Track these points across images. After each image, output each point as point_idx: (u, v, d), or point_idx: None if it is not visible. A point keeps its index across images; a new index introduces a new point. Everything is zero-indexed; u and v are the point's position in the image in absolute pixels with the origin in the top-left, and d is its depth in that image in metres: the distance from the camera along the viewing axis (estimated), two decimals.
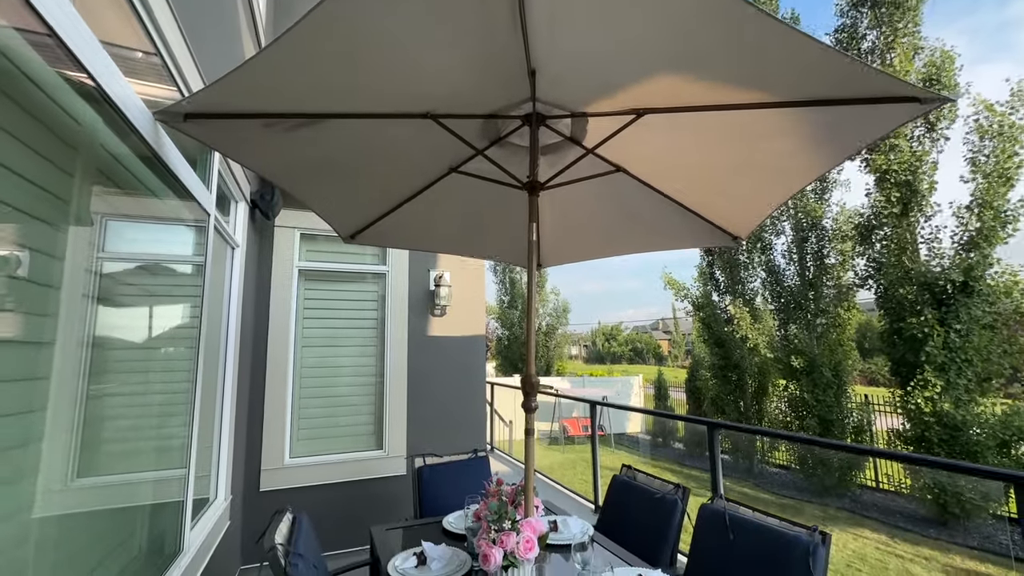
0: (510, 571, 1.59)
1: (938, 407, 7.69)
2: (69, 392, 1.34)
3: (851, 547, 6.75)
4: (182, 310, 2.26)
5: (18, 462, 1.13)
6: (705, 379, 12.65)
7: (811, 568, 1.58)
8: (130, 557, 1.74)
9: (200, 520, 2.45)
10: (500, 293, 24.41)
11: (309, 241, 4.06)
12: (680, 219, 2.41)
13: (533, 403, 1.90)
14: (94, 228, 1.47)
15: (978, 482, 7.19)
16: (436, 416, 4.17)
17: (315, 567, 1.74)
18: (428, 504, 2.70)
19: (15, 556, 1.11)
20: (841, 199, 10.99)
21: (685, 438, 12.94)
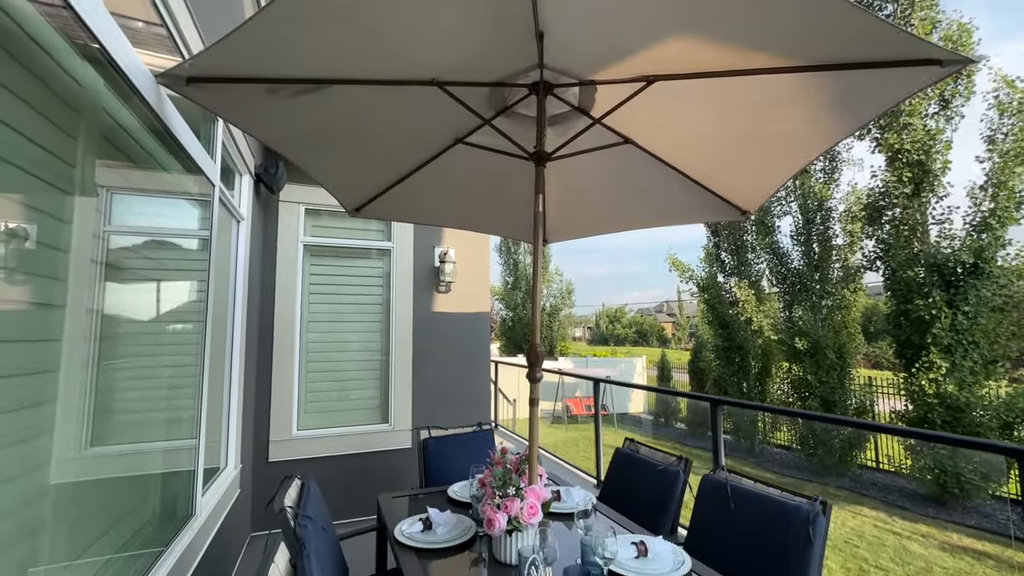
0: (514, 535, 1.62)
1: (942, 388, 7.69)
2: (80, 362, 1.36)
3: (849, 524, 6.85)
4: (189, 281, 2.27)
5: (34, 433, 1.16)
6: (708, 360, 12.68)
7: (811, 536, 1.61)
8: (144, 520, 1.79)
9: (211, 487, 2.51)
10: (504, 274, 24.40)
11: (314, 216, 4.05)
12: (688, 193, 2.38)
13: (538, 374, 1.91)
14: (100, 198, 1.47)
15: (978, 463, 7.23)
16: (441, 391, 4.22)
17: (324, 529, 1.78)
18: (433, 475, 2.74)
19: (34, 515, 1.15)
20: (852, 178, 10.82)
21: (687, 418, 13.05)
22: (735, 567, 1.64)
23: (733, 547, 1.77)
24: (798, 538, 1.61)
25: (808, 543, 1.59)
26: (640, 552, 1.66)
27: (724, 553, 1.75)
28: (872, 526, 6.85)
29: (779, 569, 1.61)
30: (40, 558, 1.16)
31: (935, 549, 6.13)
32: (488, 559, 1.69)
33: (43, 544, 1.18)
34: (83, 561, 1.34)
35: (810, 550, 1.59)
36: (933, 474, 7.50)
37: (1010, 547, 6.21)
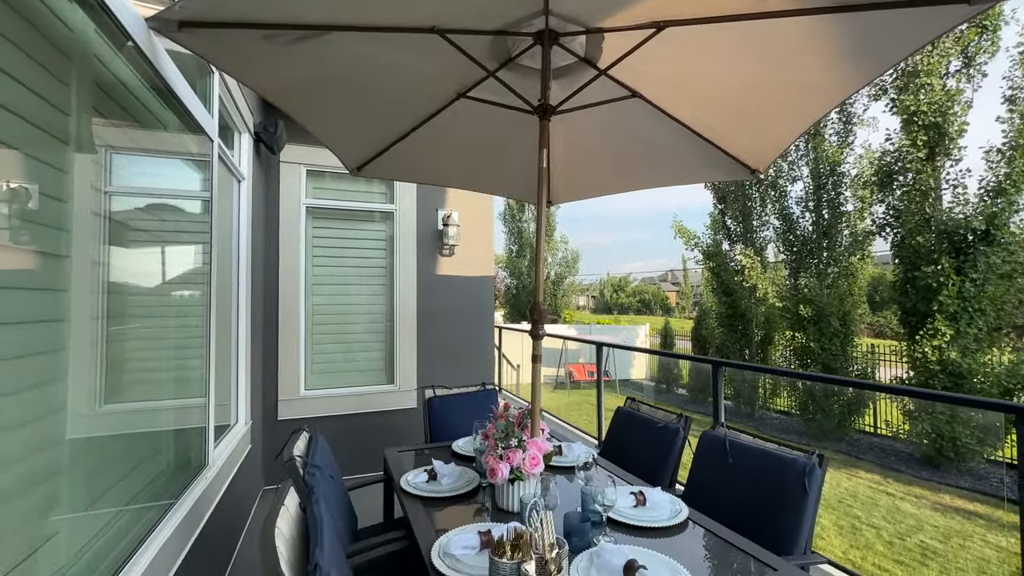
0: (516, 484, 1.67)
1: (945, 355, 7.71)
2: (88, 316, 1.37)
3: (844, 486, 7.03)
4: (192, 244, 2.27)
5: (49, 389, 1.18)
6: (712, 328, 12.73)
7: (806, 487, 1.64)
8: (159, 469, 1.85)
9: (222, 441, 2.58)
10: (509, 242, 24.28)
11: (316, 178, 4.01)
12: (696, 151, 2.32)
13: (541, 330, 1.92)
14: (98, 155, 1.45)
15: (975, 428, 7.33)
16: (445, 353, 4.27)
17: (332, 478, 1.84)
18: (438, 431, 2.81)
19: (55, 464, 1.19)
20: (867, 139, 10.45)
21: (689, 384, 13.23)
22: (731, 516, 1.68)
23: (730, 498, 1.82)
24: (794, 489, 1.65)
25: (803, 494, 1.63)
26: (639, 501, 1.71)
27: (721, 503, 1.80)
28: (867, 487, 7.02)
29: (774, 518, 1.65)
30: (61, 504, 1.21)
31: (927, 509, 6.30)
32: (491, 507, 1.75)
33: (63, 491, 1.23)
34: (103, 510, 1.39)
35: (805, 500, 1.63)
36: (930, 438, 7.63)
37: (1000, 508, 6.37)
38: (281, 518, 1.23)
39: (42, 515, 1.15)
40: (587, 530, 1.45)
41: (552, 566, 1.11)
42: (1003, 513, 6.19)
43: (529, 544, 1.18)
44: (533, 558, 1.14)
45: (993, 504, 6.49)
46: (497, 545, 1.18)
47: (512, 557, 1.16)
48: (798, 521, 1.61)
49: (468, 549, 1.38)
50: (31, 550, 1.08)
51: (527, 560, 1.14)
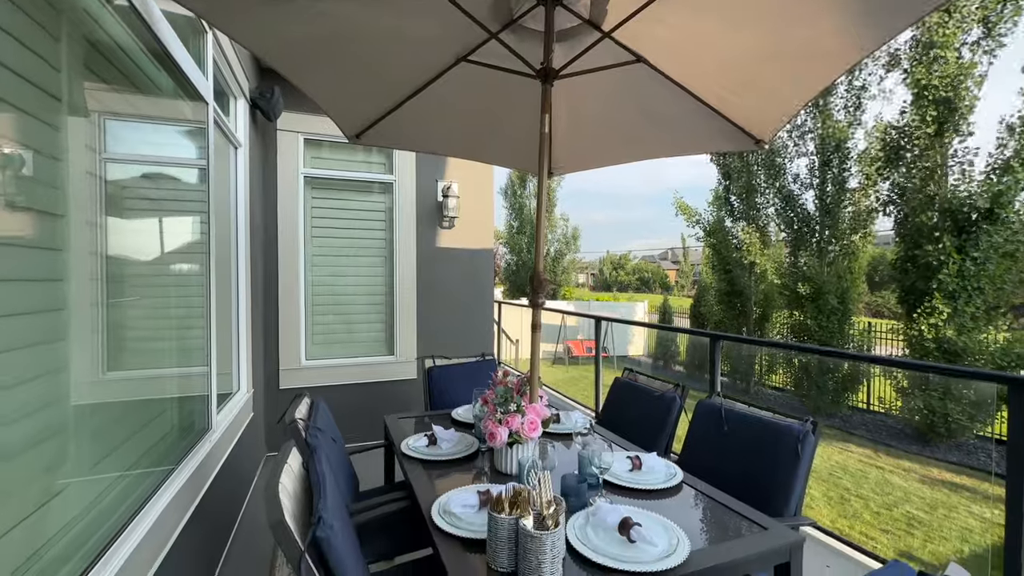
0: (515, 447, 1.70)
1: (941, 333, 7.77)
2: (87, 277, 1.37)
3: (836, 459, 7.18)
4: (188, 207, 2.24)
5: (53, 356, 1.19)
6: (710, 305, 12.78)
7: (799, 452, 1.67)
8: (164, 432, 1.88)
9: (225, 406, 2.62)
10: (509, 218, 24.11)
11: (314, 147, 3.95)
12: (701, 120, 2.28)
13: (541, 299, 1.93)
14: (92, 120, 1.42)
15: (967, 404, 7.44)
16: (445, 325, 4.30)
17: (334, 440, 1.87)
18: (437, 400, 2.85)
19: (60, 421, 1.20)
20: (879, 113, 10.18)
21: (686, 360, 13.36)
22: (725, 481, 1.72)
23: (724, 463, 1.86)
24: (787, 454, 1.69)
25: (796, 459, 1.67)
26: (634, 465, 1.74)
27: (715, 469, 1.84)
28: (857, 461, 7.18)
29: (767, 482, 1.69)
30: (69, 461, 1.24)
31: (915, 482, 6.45)
32: (490, 470, 1.79)
33: (71, 450, 1.26)
34: (109, 472, 1.42)
35: (797, 465, 1.66)
36: (922, 414, 7.75)
37: (986, 481, 6.53)
38: (284, 475, 1.26)
39: (52, 471, 1.17)
40: (584, 491, 1.49)
41: (549, 521, 1.14)
42: (988, 486, 6.35)
43: (527, 501, 1.21)
44: (531, 514, 1.17)
45: (979, 477, 6.65)
46: (496, 502, 1.21)
47: (510, 513, 1.19)
48: (790, 485, 1.65)
49: (468, 507, 1.42)
50: (42, 503, 1.10)
51: (525, 515, 1.17)
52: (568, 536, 1.28)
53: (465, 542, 1.29)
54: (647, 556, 1.19)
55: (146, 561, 1.41)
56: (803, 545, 1.35)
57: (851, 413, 9.47)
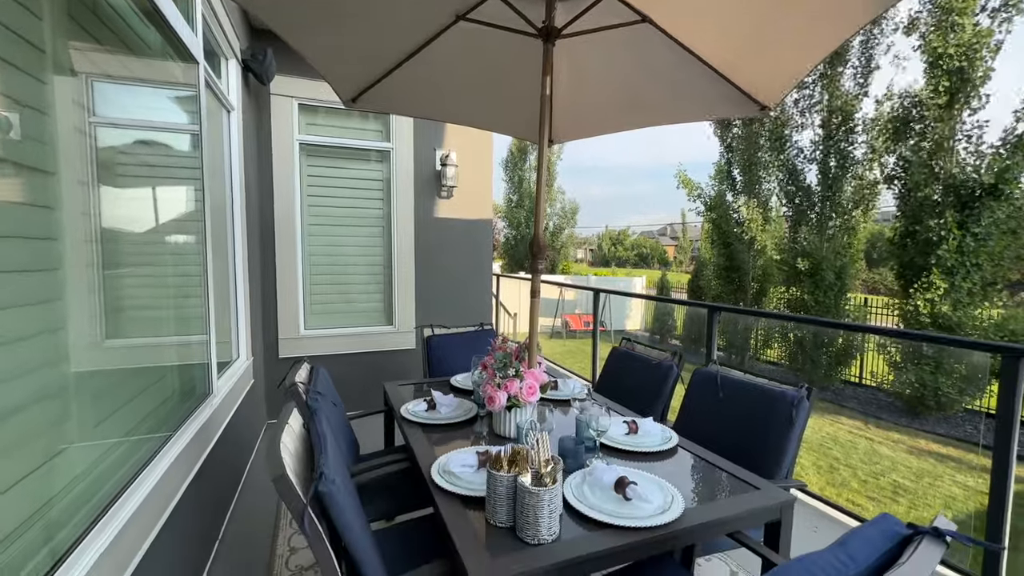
0: (513, 411, 1.72)
1: (937, 309, 7.82)
2: (83, 244, 1.35)
3: (826, 431, 7.33)
4: (181, 173, 2.20)
5: (50, 321, 1.18)
6: (708, 279, 12.81)
7: (793, 417, 1.70)
8: (164, 396, 1.89)
9: (225, 372, 2.64)
10: (508, 192, 23.85)
11: (309, 113, 3.86)
12: (706, 84, 2.22)
13: (541, 265, 1.92)
14: (79, 79, 1.37)
15: (958, 378, 7.55)
16: (444, 296, 4.30)
17: (335, 404, 1.89)
18: (436, 368, 2.87)
19: (61, 385, 1.21)
20: (891, 81, 9.82)
21: (682, 335, 13.47)
22: (720, 445, 1.75)
23: (719, 429, 1.89)
24: (781, 419, 1.71)
25: (790, 423, 1.69)
26: (631, 429, 1.77)
27: (711, 434, 1.87)
28: (847, 432, 7.34)
29: (761, 446, 1.72)
30: (71, 423, 1.25)
31: (903, 452, 6.61)
32: (488, 434, 1.81)
33: (73, 413, 1.26)
34: (113, 439, 1.43)
35: (791, 430, 1.69)
36: (913, 388, 7.88)
37: (971, 452, 6.69)
38: (286, 434, 1.27)
39: (57, 428, 1.18)
40: (581, 453, 1.51)
41: (547, 478, 1.16)
42: (974, 456, 6.51)
43: (526, 460, 1.23)
44: (529, 471, 1.19)
45: (965, 448, 6.82)
46: (495, 460, 1.23)
47: (509, 471, 1.21)
48: (782, 449, 1.68)
49: (467, 467, 1.44)
50: (49, 458, 1.12)
51: (523, 473, 1.19)
52: (565, 494, 1.31)
53: (464, 499, 1.32)
54: (642, 512, 1.22)
55: (153, 514, 1.45)
56: (794, 505, 1.38)
57: (843, 387, 9.63)
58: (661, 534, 1.17)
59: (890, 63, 9.28)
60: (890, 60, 9.23)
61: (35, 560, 1.00)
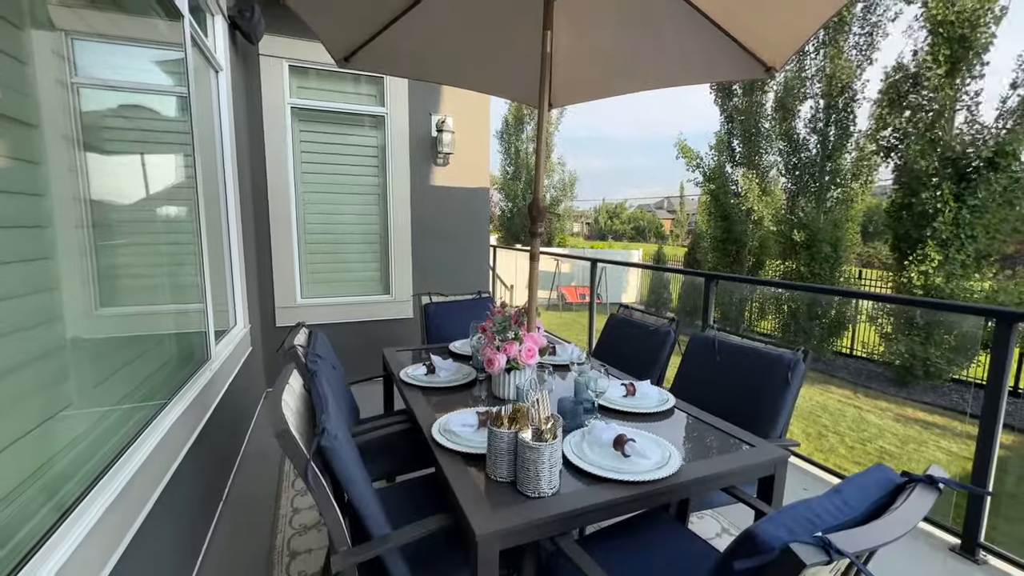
0: (512, 373, 1.73)
1: (930, 281, 7.88)
2: (72, 213, 1.31)
3: (816, 399, 7.49)
4: (169, 137, 2.13)
5: (43, 289, 1.16)
6: (705, 251, 12.82)
7: (789, 379, 1.72)
8: (163, 360, 1.89)
9: (223, 339, 2.63)
10: (504, 164, 23.46)
11: (300, 76, 3.73)
12: (711, 45, 2.16)
13: (540, 228, 1.90)
14: (59, 34, 1.31)
15: (947, 349, 7.68)
16: (441, 265, 4.28)
17: (334, 367, 1.90)
18: (434, 335, 2.88)
19: (57, 350, 1.19)
20: (901, 51, 9.52)
21: (678, 308, 13.56)
22: (716, 407, 1.78)
23: (716, 391, 1.91)
24: (777, 381, 1.74)
25: (786, 385, 1.72)
26: (629, 391, 1.79)
27: (707, 396, 1.90)
28: (837, 401, 7.50)
29: (756, 406, 1.75)
30: (71, 385, 1.24)
31: (890, 420, 6.78)
32: (487, 396, 1.83)
33: (71, 378, 1.26)
34: (116, 399, 1.43)
35: (786, 391, 1.71)
36: (903, 358, 8.01)
37: (956, 420, 6.87)
38: (287, 393, 1.28)
39: (58, 386, 1.18)
40: (580, 413, 1.53)
41: (548, 435, 1.18)
42: (959, 424, 6.69)
43: (526, 417, 1.24)
44: (530, 428, 1.21)
45: (950, 416, 7.00)
46: (495, 418, 1.24)
47: (510, 429, 1.23)
48: (778, 409, 1.71)
49: (467, 426, 1.46)
50: (51, 416, 1.12)
51: (524, 430, 1.21)
52: (564, 452, 1.33)
53: (465, 457, 1.34)
54: (640, 468, 1.25)
55: (157, 472, 1.46)
56: (787, 461, 1.41)
57: (834, 358, 9.78)
58: (659, 487, 1.20)
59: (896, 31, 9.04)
60: (895, 27, 9.00)
61: (52, 502, 1.02)
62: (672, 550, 1.36)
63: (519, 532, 1.06)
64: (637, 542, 1.38)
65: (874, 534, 0.73)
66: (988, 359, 2.04)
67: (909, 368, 7.93)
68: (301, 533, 2.11)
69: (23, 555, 0.91)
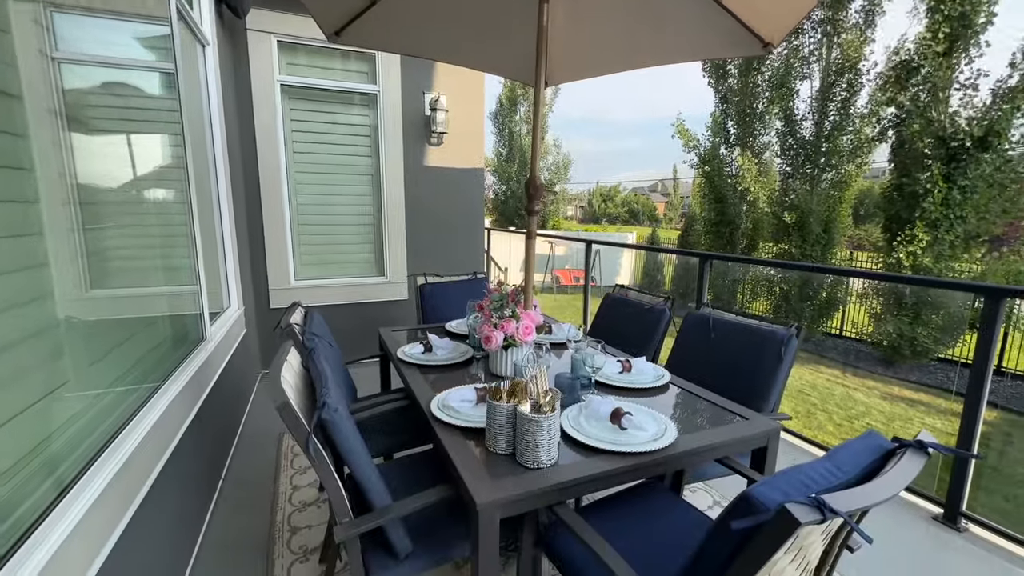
0: (509, 350, 1.74)
1: (918, 261, 7.97)
2: (58, 183, 1.28)
3: (806, 379, 7.63)
4: (156, 115, 2.08)
5: (29, 268, 1.13)
6: (698, 234, 12.85)
7: (782, 355, 1.75)
8: (158, 341, 1.88)
9: (218, 320, 2.62)
10: (498, 145, 23.19)
11: (289, 52, 3.64)
12: (708, 20, 2.14)
13: (537, 206, 1.89)
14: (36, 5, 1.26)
15: (934, 328, 7.82)
16: (436, 246, 4.26)
17: (331, 345, 1.90)
18: (430, 315, 2.88)
19: (49, 332, 1.18)
20: (906, 31, 9.37)
21: (671, 289, 13.64)
22: (711, 382, 1.81)
23: (711, 367, 1.94)
24: (770, 356, 1.76)
25: (779, 360, 1.74)
26: (625, 368, 1.81)
27: (702, 372, 1.92)
28: (825, 380, 7.64)
29: (750, 381, 1.78)
30: (68, 363, 1.23)
31: (877, 398, 6.93)
32: (484, 374, 1.84)
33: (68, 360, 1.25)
34: (114, 376, 1.43)
35: (780, 366, 1.74)
36: (890, 338, 8.14)
37: (940, 397, 7.04)
38: (285, 369, 1.28)
39: (55, 362, 1.17)
40: (577, 388, 1.55)
41: (546, 408, 1.19)
42: (943, 401, 6.86)
43: (525, 391, 1.25)
44: (528, 402, 1.22)
45: (935, 394, 7.16)
46: (494, 392, 1.25)
47: (509, 402, 1.24)
48: (770, 384, 1.74)
49: (466, 402, 1.47)
50: (47, 393, 1.11)
51: (523, 403, 1.22)
52: (563, 425, 1.35)
53: (464, 431, 1.36)
54: (637, 440, 1.27)
55: (157, 450, 1.47)
56: (779, 433, 1.44)
57: (824, 338, 9.93)
58: (655, 458, 1.22)
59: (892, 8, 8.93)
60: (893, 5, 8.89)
61: (58, 472, 1.02)
62: (667, 519, 1.39)
63: (519, 501, 1.08)
64: (632, 511, 1.41)
65: (866, 495, 0.75)
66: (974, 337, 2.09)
67: (896, 348, 8.07)
68: (301, 510, 2.14)
69: (32, 521, 0.92)
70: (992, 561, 1.87)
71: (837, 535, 1.00)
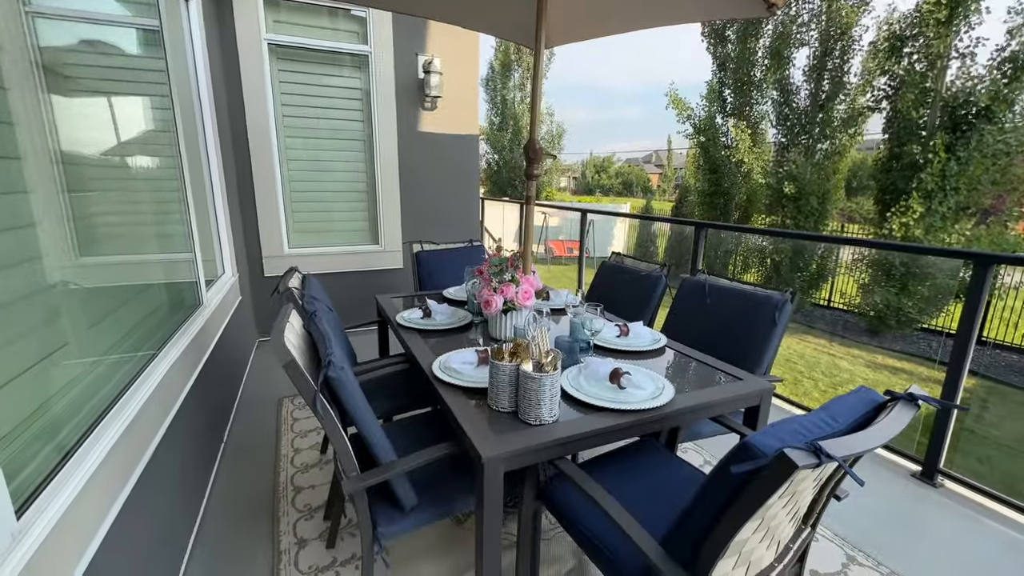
0: (509, 315, 1.76)
1: (910, 232, 8.05)
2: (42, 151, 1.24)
3: (794, 348, 7.80)
4: (139, 76, 2.00)
5: (14, 231, 1.10)
6: (692, 205, 12.82)
7: (776, 320, 1.78)
8: (155, 305, 1.87)
9: (213, 287, 2.60)
10: (491, 114, 22.64)
11: (273, 9, 3.49)
12: None
13: (536, 170, 1.88)
14: None
15: (919, 299, 7.97)
16: (431, 213, 4.22)
17: (330, 310, 1.90)
18: (427, 282, 2.88)
19: (41, 295, 1.16)
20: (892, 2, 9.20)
21: (665, 259, 13.71)
22: (706, 347, 1.84)
23: (706, 331, 1.98)
24: (764, 321, 1.80)
25: (773, 325, 1.78)
26: (622, 332, 1.84)
27: (698, 336, 1.96)
28: (812, 349, 7.82)
29: (744, 345, 1.82)
30: (66, 324, 1.23)
31: (861, 367, 7.12)
32: (484, 338, 1.86)
33: (66, 322, 1.24)
34: (116, 338, 1.42)
35: (773, 331, 1.78)
36: (877, 309, 8.30)
37: (922, 366, 7.25)
38: (288, 331, 1.28)
39: (52, 330, 1.16)
40: (576, 350, 1.57)
41: (548, 367, 1.21)
42: (924, 370, 7.07)
43: (526, 351, 1.27)
44: (530, 362, 1.24)
45: (916, 363, 7.38)
46: (496, 352, 1.27)
47: (511, 362, 1.26)
48: (765, 347, 1.78)
49: (467, 364, 1.49)
50: (46, 355, 1.11)
51: (525, 363, 1.24)
52: (563, 385, 1.38)
53: (466, 391, 1.38)
54: (635, 398, 1.31)
55: (161, 410, 1.48)
56: (772, 393, 1.49)
57: (812, 309, 10.10)
58: (653, 415, 1.26)
59: None
60: None
61: (67, 428, 1.03)
62: (662, 473, 1.45)
63: (522, 455, 1.12)
64: (629, 466, 1.46)
65: (859, 441, 0.78)
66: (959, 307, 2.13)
67: (882, 318, 8.24)
68: (303, 471, 2.19)
69: (43, 477, 0.93)
70: (965, 513, 1.97)
71: (827, 483, 1.04)
